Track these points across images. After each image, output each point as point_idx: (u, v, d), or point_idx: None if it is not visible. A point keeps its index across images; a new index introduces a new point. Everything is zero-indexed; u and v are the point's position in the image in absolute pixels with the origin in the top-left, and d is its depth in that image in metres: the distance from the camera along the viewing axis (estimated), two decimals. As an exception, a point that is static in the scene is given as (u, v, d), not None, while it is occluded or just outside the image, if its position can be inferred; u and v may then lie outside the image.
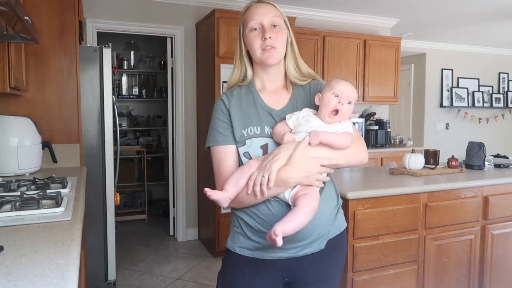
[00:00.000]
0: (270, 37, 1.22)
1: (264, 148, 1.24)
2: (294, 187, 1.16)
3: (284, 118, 1.24)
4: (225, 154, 1.26)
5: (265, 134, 1.24)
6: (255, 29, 1.25)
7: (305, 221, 1.11)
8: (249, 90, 1.31)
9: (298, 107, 1.27)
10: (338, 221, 1.31)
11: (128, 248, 3.99)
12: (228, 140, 1.26)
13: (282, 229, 1.06)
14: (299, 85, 1.32)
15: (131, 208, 5.22)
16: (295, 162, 1.13)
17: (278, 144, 1.21)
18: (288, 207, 1.17)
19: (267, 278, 1.27)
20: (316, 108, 1.25)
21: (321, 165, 1.16)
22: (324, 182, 1.21)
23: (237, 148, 1.26)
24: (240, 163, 1.26)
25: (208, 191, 1.15)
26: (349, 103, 1.21)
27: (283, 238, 1.07)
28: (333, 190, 1.33)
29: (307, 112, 1.23)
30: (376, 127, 4.59)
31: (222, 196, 1.17)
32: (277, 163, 1.13)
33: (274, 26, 1.25)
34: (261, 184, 1.13)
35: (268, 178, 1.12)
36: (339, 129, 1.20)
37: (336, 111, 1.19)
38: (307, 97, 1.30)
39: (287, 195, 1.17)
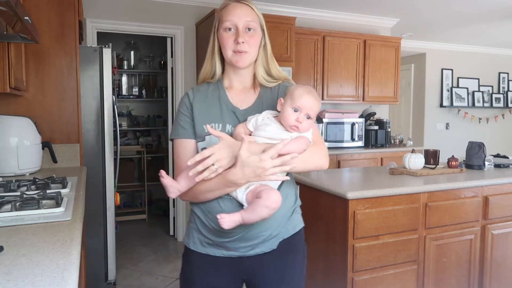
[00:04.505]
0: (243, 42, 1.22)
1: None
2: (249, 187, 1.15)
3: (246, 119, 1.23)
4: (183, 148, 1.27)
5: (225, 132, 1.23)
6: (229, 29, 1.23)
7: (264, 215, 1.10)
8: (216, 87, 1.30)
9: (264, 108, 1.25)
10: (292, 222, 1.29)
11: (128, 248, 3.98)
12: (187, 134, 1.27)
13: (242, 216, 1.09)
14: (267, 87, 1.31)
15: (131, 208, 5.22)
16: (243, 162, 1.09)
17: None
18: (240, 206, 1.17)
19: (225, 275, 1.27)
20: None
21: (274, 166, 1.10)
22: (282, 182, 1.20)
23: (197, 143, 1.26)
24: None
25: (163, 173, 1.17)
26: (309, 118, 1.17)
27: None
28: (292, 190, 1.31)
29: (266, 115, 1.21)
30: (376, 127, 4.59)
31: (171, 185, 1.18)
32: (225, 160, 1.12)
33: (249, 29, 1.24)
34: (208, 169, 1.11)
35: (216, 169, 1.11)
36: (295, 134, 1.17)
37: (296, 127, 1.16)
38: (274, 99, 1.27)
39: (240, 195, 1.16)
